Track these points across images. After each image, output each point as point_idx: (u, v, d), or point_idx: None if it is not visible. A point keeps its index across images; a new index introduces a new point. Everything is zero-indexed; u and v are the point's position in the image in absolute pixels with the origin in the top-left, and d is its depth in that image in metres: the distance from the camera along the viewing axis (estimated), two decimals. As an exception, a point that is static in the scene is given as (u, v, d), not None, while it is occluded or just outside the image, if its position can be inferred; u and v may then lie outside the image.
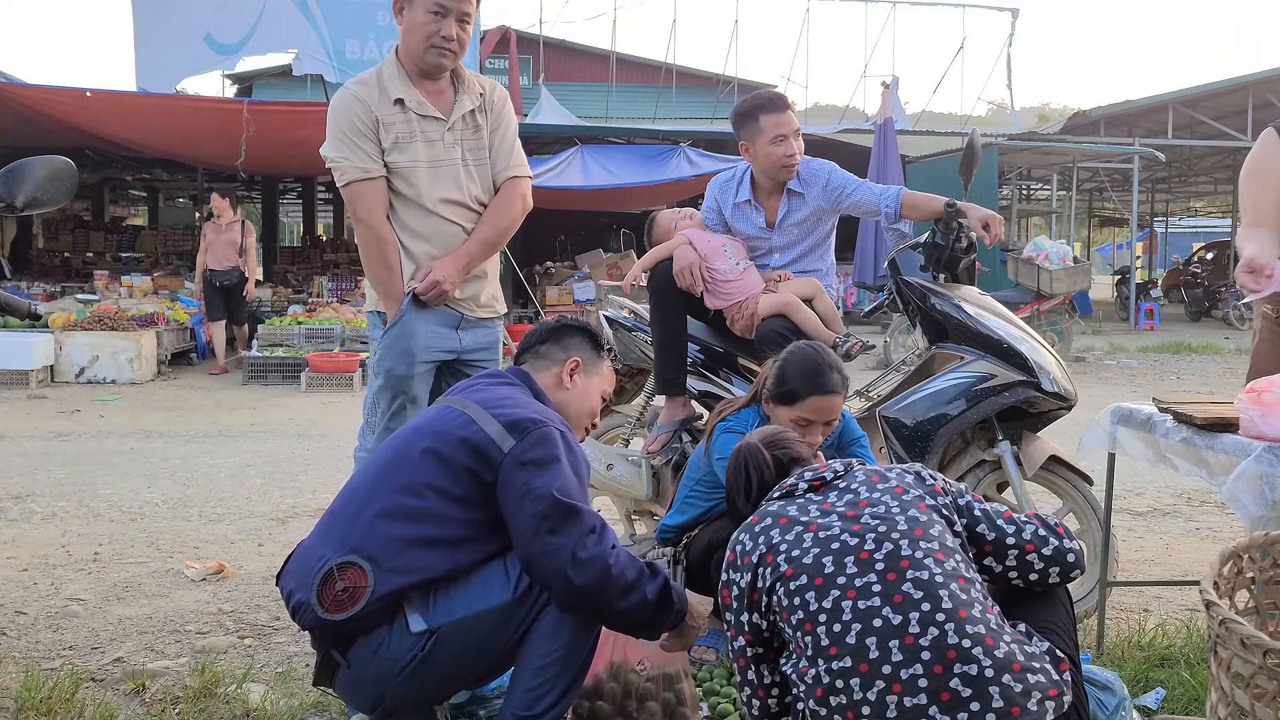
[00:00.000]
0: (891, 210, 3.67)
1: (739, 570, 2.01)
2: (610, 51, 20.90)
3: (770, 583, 1.94)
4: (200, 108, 11.77)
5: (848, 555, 1.89)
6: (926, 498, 2.02)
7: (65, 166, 2.51)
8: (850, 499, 2.01)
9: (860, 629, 1.82)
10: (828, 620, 1.84)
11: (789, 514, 2.02)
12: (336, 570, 2.14)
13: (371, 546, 2.16)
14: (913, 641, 1.79)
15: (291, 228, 30.90)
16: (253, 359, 10.28)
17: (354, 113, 3.03)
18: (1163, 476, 5.30)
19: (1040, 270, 10.93)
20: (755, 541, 2.01)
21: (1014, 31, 19.70)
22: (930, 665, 1.77)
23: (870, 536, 1.91)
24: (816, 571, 1.89)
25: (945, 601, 1.82)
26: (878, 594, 1.84)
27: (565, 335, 2.54)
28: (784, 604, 1.91)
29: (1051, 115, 39.05)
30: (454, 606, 2.17)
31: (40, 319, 10.03)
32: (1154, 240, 29.48)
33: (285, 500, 5.25)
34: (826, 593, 1.86)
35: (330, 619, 2.13)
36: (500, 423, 2.21)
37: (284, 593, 2.27)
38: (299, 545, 2.33)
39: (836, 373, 2.86)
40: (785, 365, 2.89)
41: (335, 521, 2.26)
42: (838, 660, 1.82)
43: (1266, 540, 2.17)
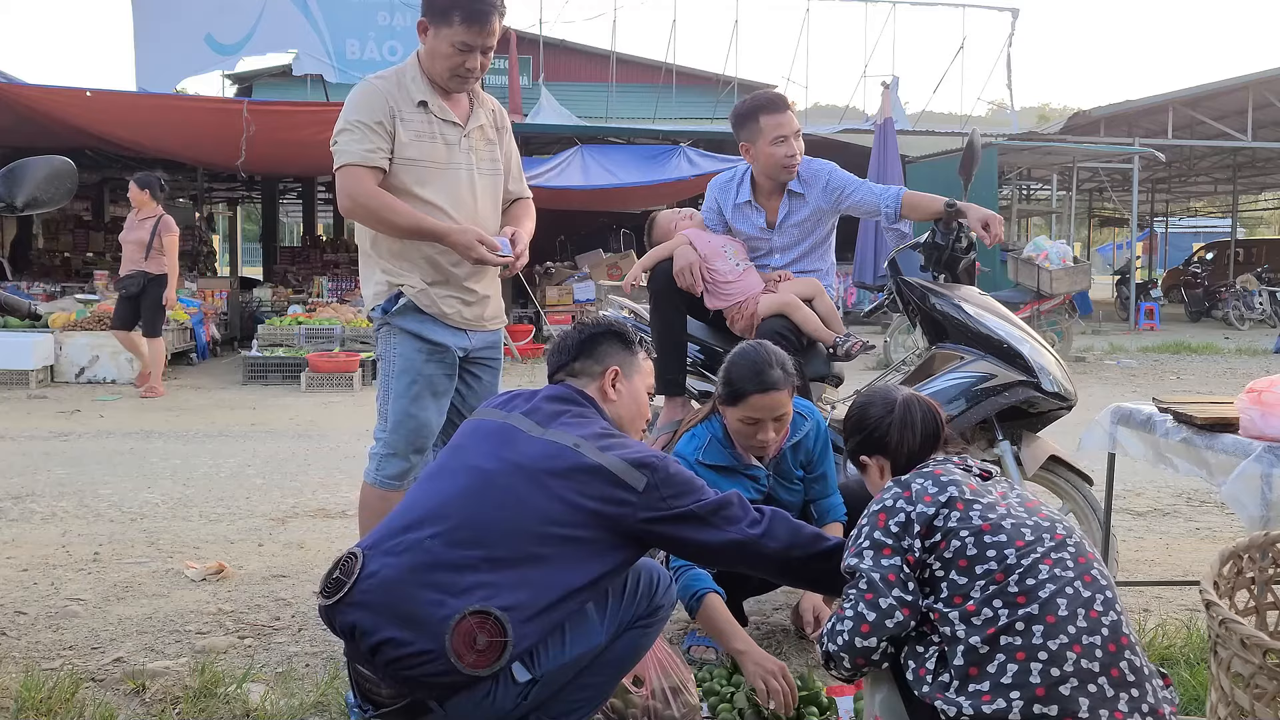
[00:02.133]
0: (891, 210, 3.67)
1: (914, 504, 2.06)
2: (610, 51, 20.88)
3: (955, 526, 2.00)
4: (200, 108, 11.76)
5: (1044, 532, 2.00)
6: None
7: (65, 166, 2.51)
8: (1020, 497, 2.12)
9: (1054, 589, 1.91)
10: (1023, 574, 1.93)
11: (975, 483, 2.11)
12: (472, 620, 2.00)
13: (506, 597, 2.03)
14: (1096, 616, 1.89)
15: (291, 228, 30.91)
16: (253, 359, 10.28)
17: (372, 103, 3.02)
18: (1163, 476, 5.30)
19: (1040, 270, 10.93)
20: (942, 488, 2.07)
21: (1014, 31, 19.69)
22: (1106, 642, 1.87)
23: (1059, 526, 2.03)
24: (1016, 535, 1.98)
25: (1117, 603, 1.95)
26: (1072, 568, 1.94)
27: (596, 344, 2.45)
28: (969, 552, 1.97)
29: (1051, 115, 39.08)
30: (555, 653, 2.13)
31: (40, 319, 10.03)
32: (1154, 240, 29.48)
33: (285, 500, 5.24)
34: (1027, 553, 1.95)
35: (474, 674, 1.99)
36: (625, 462, 2.17)
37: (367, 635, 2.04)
38: (371, 577, 2.08)
39: (779, 369, 2.85)
40: (729, 366, 2.92)
41: (447, 562, 2.06)
42: (1025, 608, 1.89)
43: (1266, 540, 2.17)
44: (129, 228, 8.98)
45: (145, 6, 15.69)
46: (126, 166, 16.28)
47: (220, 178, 17.48)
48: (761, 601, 3.43)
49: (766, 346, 2.94)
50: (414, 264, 3.09)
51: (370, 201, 3.01)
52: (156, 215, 8.91)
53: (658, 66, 21.39)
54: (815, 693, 2.65)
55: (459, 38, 2.97)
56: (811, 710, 2.59)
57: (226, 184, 19.61)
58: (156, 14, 15.66)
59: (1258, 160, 21.44)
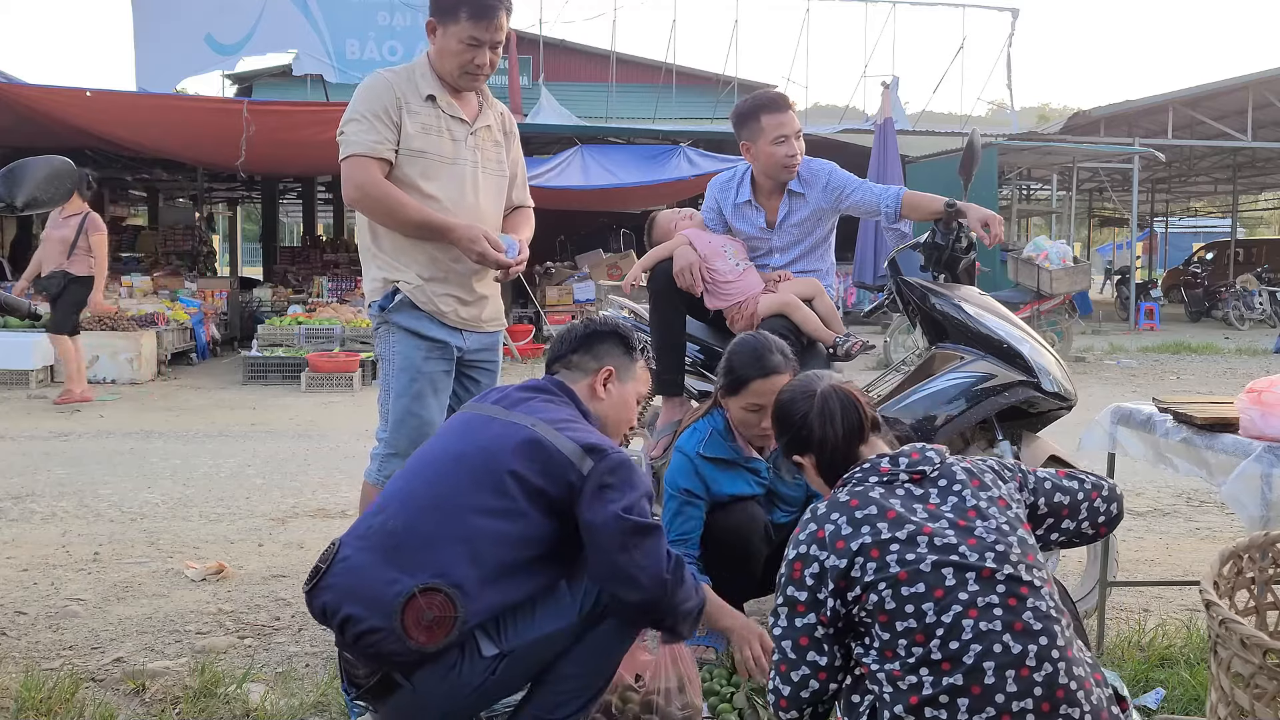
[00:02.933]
0: (891, 210, 3.67)
1: (828, 550, 1.92)
2: (610, 51, 20.88)
3: (874, 579, 1.87)
4: (200, 108, 11.75)
5: (969, 571, 1.84)
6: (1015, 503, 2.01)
7: (65, 166, 2.51)
8: (956, 504, 1.96)
9: (980, 650, 1.79)
10: (946, 635, 1.80)
11: (895, 509, 1.94)
12: (420, 597, 2.06)
13: (456, 573, 2.09)
14: (1028, 675, 1.78)
15: (291, 228, 30.92)
16: (253, 359, 10.28)
17: (380, 94, 3.02)
18: (1163, 476, 5.30)
19: (1040, 270, 10.93)
20: (856, 529, 1.92)
21: (1014, 31, 19.71)
22: (1040, 702, 1.77)
23: (990, 555, 1.87)
24: (936, 583, 1.84)
25: (1059, 638, 1.82)
26: (999, 618, 1.81)
27: (597, 342, 2.49)
28: (888, 606, 1.85)
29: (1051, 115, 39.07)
30: (524, 629, 2.17)
31: (40, 319, 10.01)
32: (1154, 240, 29.48)
33: (285, 500, 5.24)
34: (947, 607, 1.82)
35: (422, 649, 2.06)
36: (577, 444, 2.19)
37: (335, 614, 2.13)
38: (342, 561, 2.18)
39: (779, 354, 2.88)
40: (729, 356, 2.95)
41: (408, 544, 2.14)
42: (949, 677, 1.79)
43: (1266, 540, 2.17)
44: (52, 225, 8.40)
45: (145, 6, 15.68)
46: (126, 166, 16.31)
47: (220, 178, 17.47)
48: (762, 603, 3.43)
49: (765, 335, 2.96)
50: (412, 259, 3.08)
51: (377, 192, 3.01)
52: (82, 213, 8.37)
53: (658, 66, 21.39)
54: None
55: (467, 33, 2.98)
56: (811, 710, 2.59)
57: (226, 184, 19.60)
58: (156, 14, 15.66)
59: (1258, 160, 21.44)
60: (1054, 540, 2.15)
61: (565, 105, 18.04)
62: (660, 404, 3.78)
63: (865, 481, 2.02)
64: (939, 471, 2.02)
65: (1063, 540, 2.15)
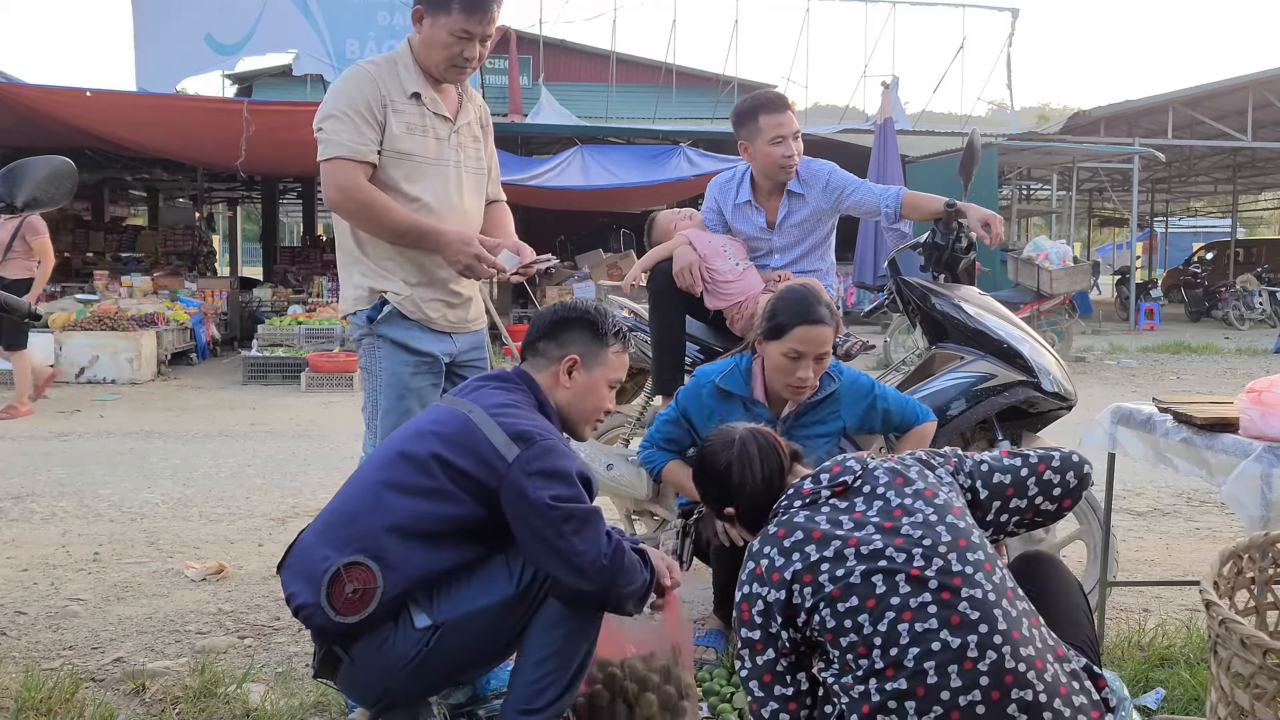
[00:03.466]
0: (891, 210, 3.67)
1: (767, 585, 1.94)
2: (610, 51, 20.88)
3: (813, 602, 1.89)
4: (200, 108, 11.75)
5: (898, 574, 1.85)
6: (954, 496, 2.00)
7: (65, 166, 2.51)
8: (882, 506, 1.96)
9: (918, 653, 1.79)
10: (883, 644, 1.81)
11: (821, 527, 1.95)
12: (344, 571, 2.14)
13: (377, 546, 2.16)
14: (971, 666, 1.77)
15: (291, 228, 30.91)
16: (253, 359, 10.28)
17: (365, 91, 2.88)
18: (1163, 476, 5.30)
19: (1040, 270, 10.93)
20: (788, 558, 1.94)
21: (1014, 31, 19.73)
22: (989, 691, 1.76)
23: (917, 552, 1.87)
24: (868, 593, 1.85)
25: (1000, 622, 1.81)
26: (934, 616, 1.81)
27: (563, 330, 2.43)
28: (830, 625, 1.87)
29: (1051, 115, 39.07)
30: (458, 602, 2.19)
31: (40, 319, 9.99)
32: (1154, 240, 29.48)
33: (285, 500, 5.25)
34: (881, 615, 1.83)
35: (343, 621, 2.13)
36: (505, 432, 2.20)
37: (286, 590, 2.26)
38: (297, 541, 2.31)
39: (825, 308, 2.92)
40: (775, 301, 2.97)
41: (337, 521, 2.25)
42: (893, 682, 1.79)
43: (1266, 540, 2.17)
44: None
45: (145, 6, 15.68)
46: (126, 166, 16.32)
47: (220, 178, 17.46)
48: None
49: (813, 287, 3.00)
50: (398, 265, 2.97)
51: (362, 198, 2.87)
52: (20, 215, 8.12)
53: (658, 66, 21.39)
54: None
55: (459, 26, 2.87)
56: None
57: (226, 184, 19.59)
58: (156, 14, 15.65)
59: (1258, 160, 21.44)
60: (1012, 522, 2.10)
61: (565, 105, 18.05)
62: (660, 404, 3.78)
63: (790, 509, 2.05)
64: (861, 479, 2.03)
65: (1022, 521, 2.11)
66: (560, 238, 18.04)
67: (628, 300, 4.15)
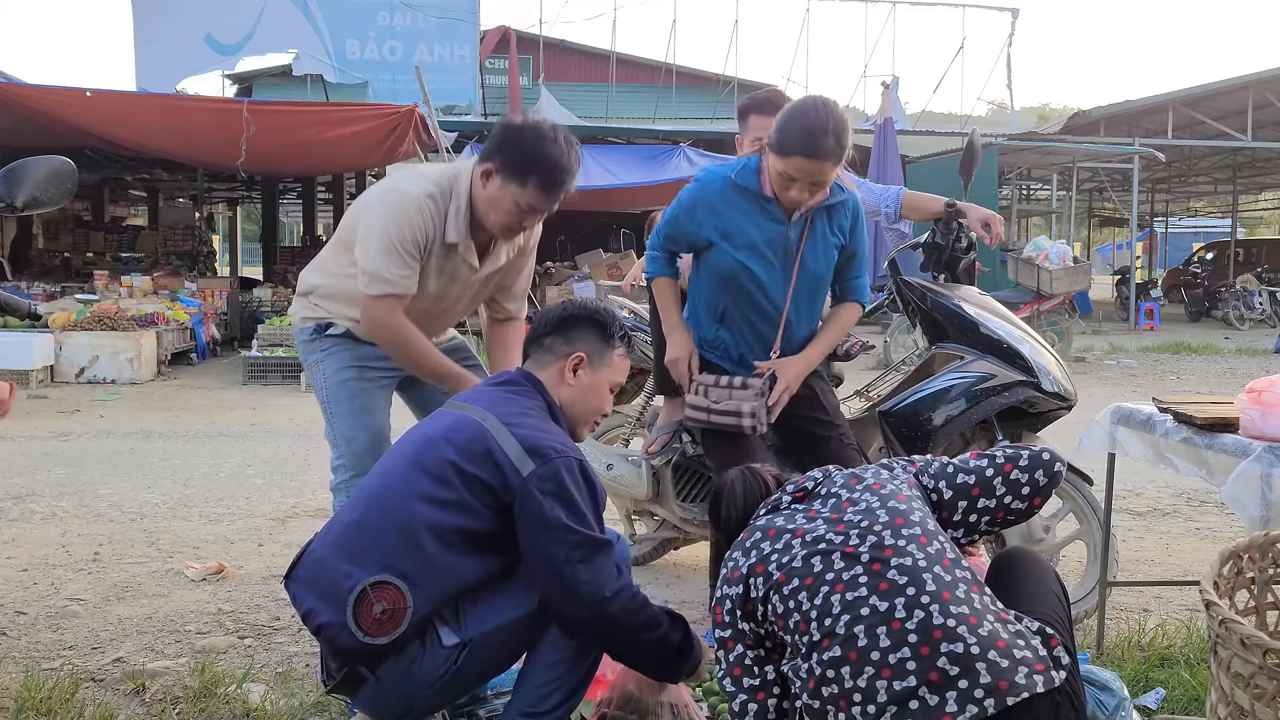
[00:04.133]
0: (891, 210, 3.67)
1: (731, 584, 2.01)
2: (610, 51, 20.89)
3: (764, 591, 1.95)
4: (200, 108, 11.75)
5: (834, 553, 1.91)
6: (904, 486, 2.04)
7: (65, 166, 2.51)
8: (834, 503, 2.03)
9: (849, 619, 1.83)
10: (818, 616, 1.86)
11: (776, 524, 2.03)
12: (371, 591, 2.08)
13: (402, 563, 2.10)
14: (899, 626, 1.79)
15: (291, 228, 30.89)
16: (253, 359, 10.28)
17: (419, 227, 2.79)
18: (1163, 476, 5.30)
19: (1040, 270, 10.93)
20: (746, 555, 2.01)
21: (1014, 31, 19.74)
22: (917, 647, 1.77)
23: (854, 532, 1.93)
24: (806, 573, 1.91)
25: (929, 584, 1.83)
26: (864, 584, 1.85)
27: (571, 326, 2.41)
28: (779, 610, 1.92)
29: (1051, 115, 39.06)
30: (484, 617, 2.17)
31: (40, 319, 10.02)
32: (1154, 240, 29.48)
33: (285, 500, 5.24)
34: (817, 591, 1.88)
35: (373, 643, 2.07)
36: (521, 444, 2.16)
37: (300, 606, 2.20)
38: (309, 554, 2.24)
39: (832, 138, 2.79)
40: (790, 114, 2.84)
41: (355, 535, 2.18)
42: (828, 651, 1.82)
43: (1266, 540, 2.17)
44: None
45: (145, 6, 15.70)
46: (126, 166, 16.31)
47: (220, 178, 17.44)
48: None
49: (831, 109, 2.84)
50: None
51: (402, 336, 2.83)
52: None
53: (658, 66, 21.39)
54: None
55: (528, 200, 2.76)
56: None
57: (226, 184, 19.58)
58: (156, 14, 15.68)
59: (1258, 160, 21.44)
60: (983, 522, 2.10)
61: (565, 105, 18.04)
62: (661, 403, 3.78)
63: (758, 516, 2.11)
64: (819, 484, 2.11)
65: (994, 520, 2.11)
66: (560, 238, 18.06)
67: (628, 300, 4.15)
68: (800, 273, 3.01)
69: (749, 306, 3.03)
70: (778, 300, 3.02)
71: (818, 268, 3.04)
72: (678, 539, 3.94)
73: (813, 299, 3.09)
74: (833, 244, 3.05)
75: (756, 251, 2.97)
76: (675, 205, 3.09)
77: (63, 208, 8.22)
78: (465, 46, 16.93)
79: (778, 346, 3.05)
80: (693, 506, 3.67)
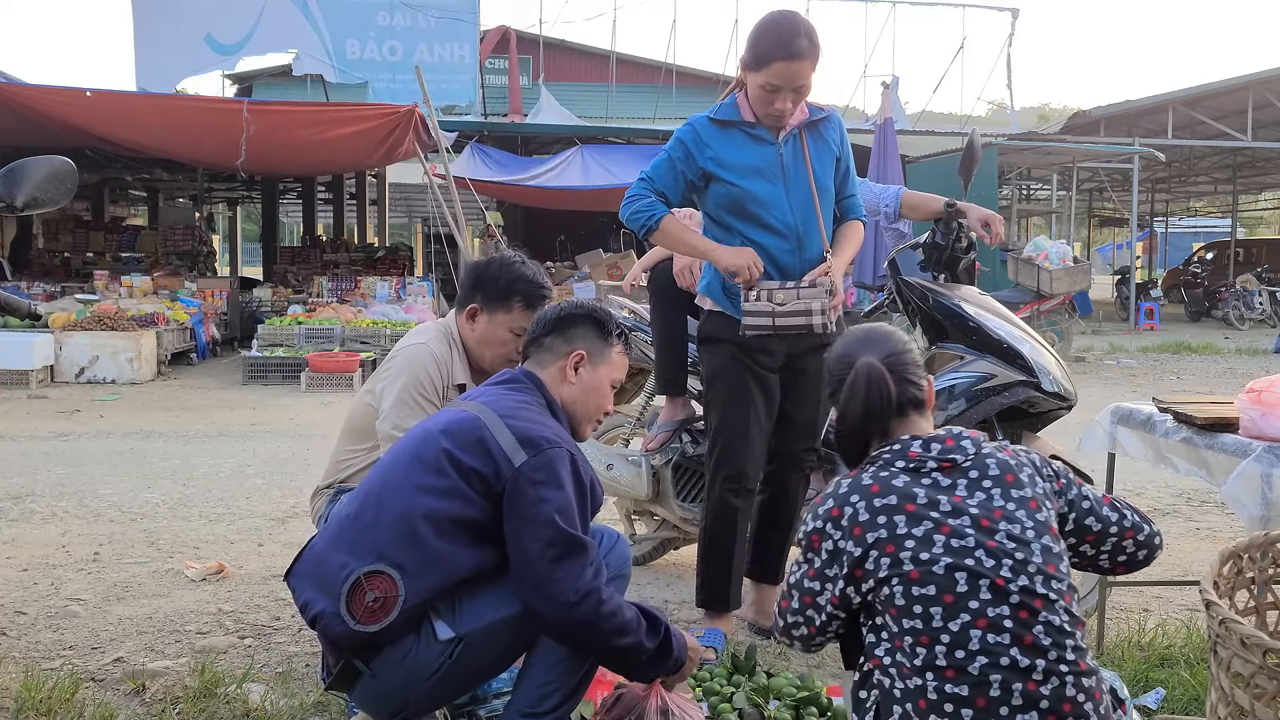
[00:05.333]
0: (891, 210, 3.67)
1: (844, 535, 1.92)
2: (610, 51, 20.89)
3: (888, 574, 1.86)
4: (200, 108, 11.75)
5: (983, 579, 1.82)
6: (1050, 511, 1.95)
7: (65, 166, 2.50)
8: (983, 500, 1.90)
9: (986, 663, 1.78)
10: (951, 644, 1.80)
11: (916, 500, 1.90)
12: (365, 580, 2.09)
13: (397, 553, 2.11)
14: (1035, 688, 1.77)
15: (291, 228, 30.90)
16: (253, 359, 10.28)
17: (434, 378, 2.86)
18: (1163, 476, 5.30)
19: (1040, 270, 10.93)
20: (874, 518, 1.89)
21: (1014, 31, 19.73)
22: (1045, 715, 1.77)
23: (1007, 562, 1.83)
24: (948, 587, 1.82)
25: (1069, 652, 1.81)
26: (1009, 631, 1.80)
27: (570, 325, 2.43)
28: (898, 601, 1.85)
29: (1051, 115, 39.06)
30: (480, 612, 2.16)
31: (40, 319, 10.03)
32: (1154, 240, 29.48)
33: (285, 500, 5.24)
34: (956, 614, 1.81)
35: (364, 630, 2.08)
36: (514, 435, 2.17)
37: (298, 599, 2.21)
38: (308, 548, 2.27)
39: (805, 38, 2.87)
40: (758, 30, 2.93)
41: (352, 527, 2.20)
42: (954, 685, 1.78)
43: (1266, 540, 2.17)
44: None
45: (145, 6, 15.70)
46: (126, 166, 16.32)
47: (220, 178, 17.47)
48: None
49: (797, 15, 2.94)
50: None
51: None
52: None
53: (658, 66, 21.39)
54: (815, 693, 2.64)
55: (519, 322, 2.83)
56: (811, 711, 2.59)
57: (226, 184, 19.61)
58: (156, 14, 15.68)
59: (1258, 160, 21.44)
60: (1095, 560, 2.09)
61: (565, 105, 18.05)
62: (662, 403, 3.78)
63: (891, 466, 1.96)
64: (972, 462, 1.94)
65: (1075, 561, 2.08)
66: (560, 238, 18.06)
67: (628, 300, 4.15)
68: (802, 186, 3.08)
69: (762, 229, 3.06)
70: (786, 217, 3.07)
71: (819, 179, 3.10)
72: (678, 539, 3.94)
73: (821, 212, 3.12)
74: (826, 155, 3.12)
75: (755, 172, 3.04)
76: (665, 150, 3.11)
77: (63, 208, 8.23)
78: (465, 46, 16.93)
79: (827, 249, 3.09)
80: (693, 506, 3.67)
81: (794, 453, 3.25)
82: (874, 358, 2.05)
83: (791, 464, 3.26)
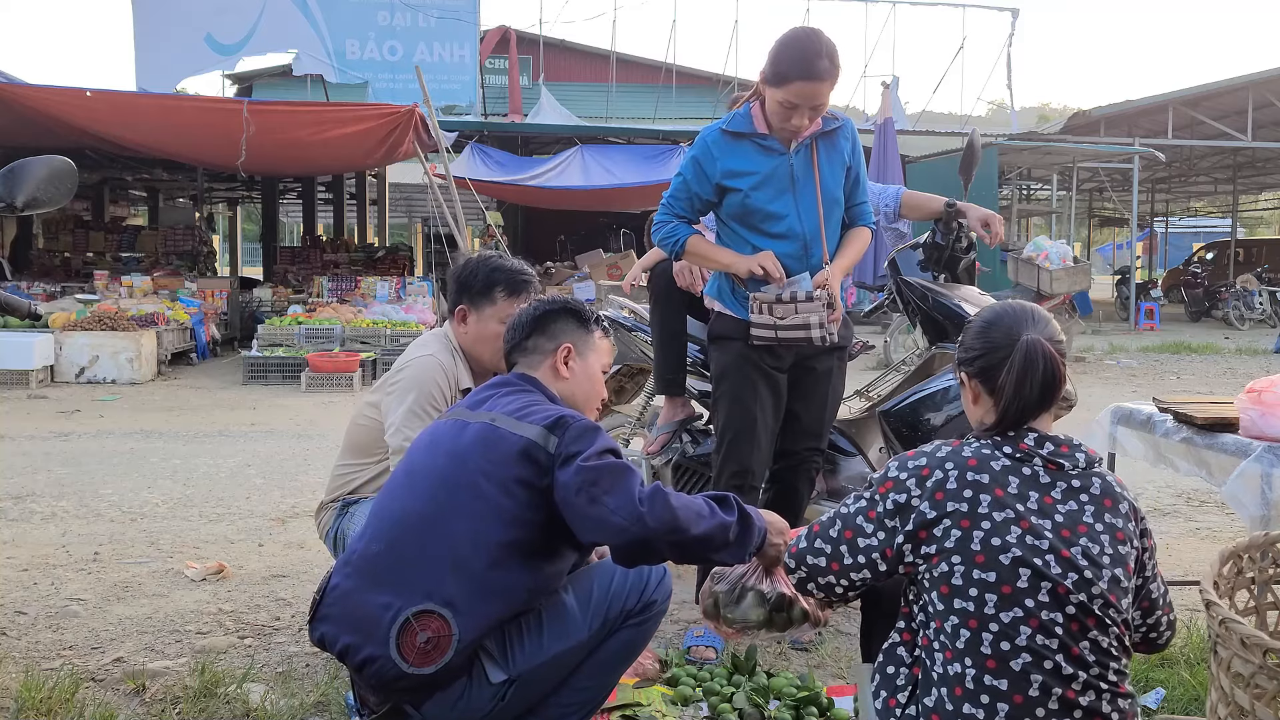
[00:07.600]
0: (891, 210, 3.67)
1: (925, 497, 1.87)
2: (610, 51, 20.89)
3: (952, 547, 1.83)
4: (200, 108, 11.74)
5: (1045, 581, 1.80)
6: (1131, 545, 1.91)
7: (65, 166, 2.50)
8: (1073, 510, 1.86)
9: (1029, 660, 1.78)
10: (999, 632, 1.78)
11: (1008, 487, 1.85)
12: (414, 620, 2.01)
13: (447, 589, 2.04)
14: (1074, 697, 1.78)
15: (291, 228, 30.90)
16: (253, 359, 10.28)
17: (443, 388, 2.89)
18: (1163, 476, 5.30)
19: (1040, 270, 10.93)
20: (960, 490, 1.85)
21: (1014, 31, 19.74)
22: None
23: (1073, 577, 1.81)
24: (1009, 579, 1.80)
25: (1110, 674, 1.82)
26: (1058, 637, 1.79)
27: (550, 322, 2.41)
28: (954, 580, 1.82)
29: (1051, 115, 39.07)
30: (532, 652, 2.12)
31: (40, 319, 10.03)
32: (1154, 240, 29.48)
33: (285, 500, 5.24)
34: (1010, 606, 1.79)
35: (419, 673, 2.00)
36: (539, 425, 2.13)
37: (333, 646, 2.11)
38: (332, 589, 2.16)
39: (826, 59, 2.89)
40: (782, 44, 2.94)
41: (390, 565, 2.10)
42: (992, 676, 1.78)
43: (1266, 540, 2.17)
44: None
45: (145, 6, 15.70)
46: (126, 166, 16.31)
47: (220, 178, 17.46)
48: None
49: (820, 34, 2.96)
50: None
51: None
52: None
53: (658, 66, 21.40)
54: (815, 693, 2.65)
55: (506, 312, 2.83)
56: (811, 710, 2.59)
57: (226, 184, 19.60)
58: (156, 14, 15.68)
59: (1258, 160, 21.45)
60: None
61: (565, 105, 18.06)
62: (661, 403, 3.78)
63: (1000, 449, 1.91)
64: (1078, 473, 1.91)
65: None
66: (560, 238, 18.06)
67: (628, 300, 4.15)
68: (811, 196, 3.09)
69: (770, 238, 3.08)
70: (796, 227, 3.08)
71: (829, 189, 3.11)
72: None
73: (830, 222, 3.13)
74: (837, 164, 3.13)
75: (765, 182, 3.06)
76: (680, 168, 3.18)
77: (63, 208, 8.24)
78: (465, 46, 16.94)
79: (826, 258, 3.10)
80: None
81: (800, 452, 3.26)
82: (1039, 336, 1.97)
83: (798, 463, 3.27)
